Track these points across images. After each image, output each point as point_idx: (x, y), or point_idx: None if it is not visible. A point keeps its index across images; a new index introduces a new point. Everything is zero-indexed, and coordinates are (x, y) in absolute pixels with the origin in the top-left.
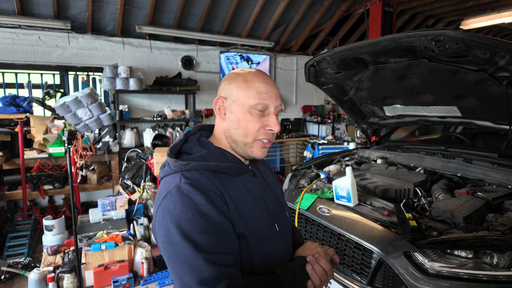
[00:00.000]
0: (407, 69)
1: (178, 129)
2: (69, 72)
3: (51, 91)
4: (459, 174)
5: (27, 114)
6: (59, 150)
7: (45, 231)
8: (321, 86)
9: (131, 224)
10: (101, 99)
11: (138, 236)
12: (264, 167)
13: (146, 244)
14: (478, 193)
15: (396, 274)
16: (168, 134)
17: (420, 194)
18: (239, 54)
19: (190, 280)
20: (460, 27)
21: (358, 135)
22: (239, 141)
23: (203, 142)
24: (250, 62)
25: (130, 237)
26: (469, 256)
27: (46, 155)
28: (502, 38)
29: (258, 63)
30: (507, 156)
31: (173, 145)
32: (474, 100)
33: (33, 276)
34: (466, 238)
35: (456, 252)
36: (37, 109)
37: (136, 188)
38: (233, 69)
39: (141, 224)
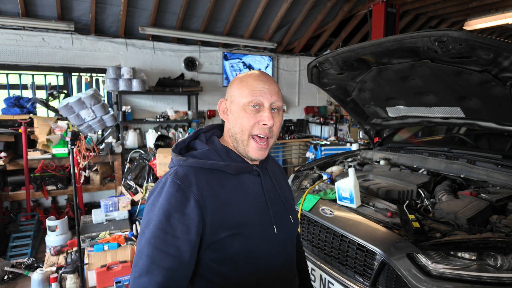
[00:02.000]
0: (410, 70)
1: (181, 130)
2: (73, 73)
3: (54, 92)
4: (462, 176)
5: (31, 115)
6: (62, 150)
7: (48, 232)
8: (324, 87)
9: (134, 225)
10: (104, 100)
11: None
12: (277, 170)
13: None
14: (482, 194)
15: (399, 275)
16: (170, 135)
17: (423, 195)
18: (242, 61)
19: (134, 261)
20: (464, 27)
21: (361, 136)
22: (238, 138)
23: (211, 140)
24: (251, 69)
25: (132, 237)
26: (473, 258)
27: (49, 156)
28: (506, 39)
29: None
30: (511, 158)
31: (181, 141)
32: (477, 101)
33: (36, 276)
34: (470, 240)
35: (459, 254)
36: (41, 110)
37: (138, 188)
38: (237, 75)
39: None
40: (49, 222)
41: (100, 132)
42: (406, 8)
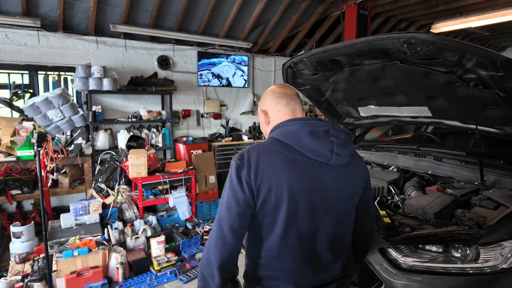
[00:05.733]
0: (381, 70)
1: (154, 130)
2: (39, 72)
3: (19, 92)
4: (430, 172)
5: None
6: (28, 153)
7: (12, 238)
8: (299, 87)
9: (105, 229)
10: (73, 100)
11: (113, 241)
12: None
13: (121, 248)
14: (448, 190)
15: (372, 270)
16: (143, 135)
17: (393, 191)
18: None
19: None
20: (431, 30)
21: None
22: None
23: None
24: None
25: (104, 242)
26: (440, 250)
27: (14, 159)
28: (470, 42)
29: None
30: (474, 154)
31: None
32: (443, 101)
33: None
34: (437, 233)
35: (427, 247)
36: (4, 110)
37: (110, 191)
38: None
39: (116, 228)
40: (14, 228)
41: (69, 133)
42: (377, 10)
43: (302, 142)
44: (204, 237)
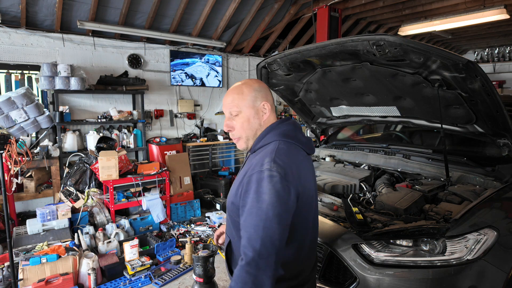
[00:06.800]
0: (351, 71)
1: (125, 130)
2: (0, 70)
3: None
4: (399, 169)
5: None
6: None
7: None
8: (273, 88)
9: (76, 234)
10: (38, 100)
11: (84, 246)
12: (254, 162)
13: (93, 254)
14: (416, 186)
15: (346, 266)
16: (114, 136)
17: (365, 189)
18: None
19: None
20: (398, 33)
21: (308, 134)
22: None
23: None
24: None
25: (74, 247)
26: (409, 244)
27: None
28: (434, 45)
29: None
30: (440, 152)
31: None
32: (411, 101)
33: None
34: (407, 228)
35: (398, 242)
36: None
37: (79, 195)
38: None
39: (87, 233)
40: None
41: (34, 134)
42: (347, 12)
43: (300, 139)
44: (180, 240)
